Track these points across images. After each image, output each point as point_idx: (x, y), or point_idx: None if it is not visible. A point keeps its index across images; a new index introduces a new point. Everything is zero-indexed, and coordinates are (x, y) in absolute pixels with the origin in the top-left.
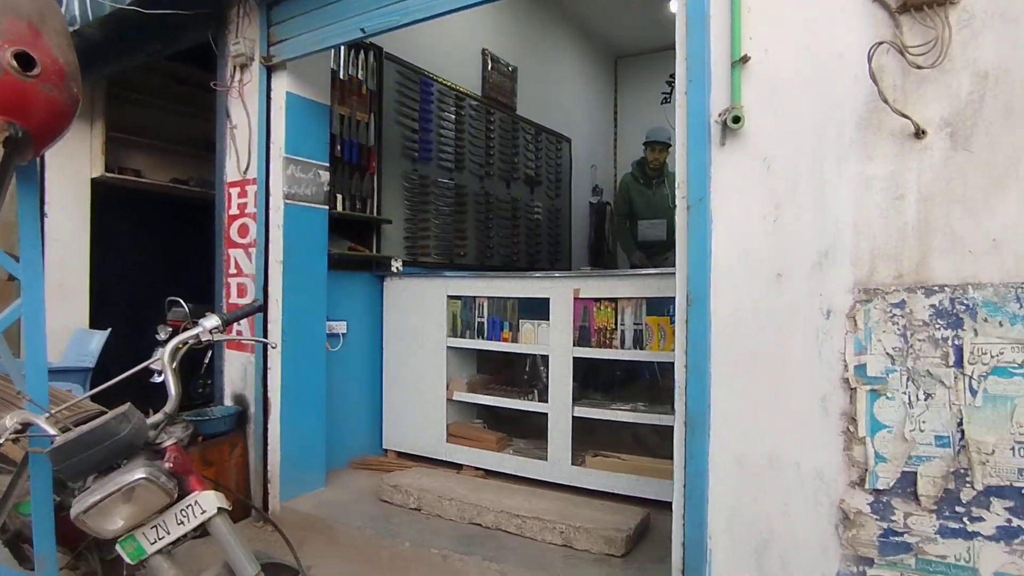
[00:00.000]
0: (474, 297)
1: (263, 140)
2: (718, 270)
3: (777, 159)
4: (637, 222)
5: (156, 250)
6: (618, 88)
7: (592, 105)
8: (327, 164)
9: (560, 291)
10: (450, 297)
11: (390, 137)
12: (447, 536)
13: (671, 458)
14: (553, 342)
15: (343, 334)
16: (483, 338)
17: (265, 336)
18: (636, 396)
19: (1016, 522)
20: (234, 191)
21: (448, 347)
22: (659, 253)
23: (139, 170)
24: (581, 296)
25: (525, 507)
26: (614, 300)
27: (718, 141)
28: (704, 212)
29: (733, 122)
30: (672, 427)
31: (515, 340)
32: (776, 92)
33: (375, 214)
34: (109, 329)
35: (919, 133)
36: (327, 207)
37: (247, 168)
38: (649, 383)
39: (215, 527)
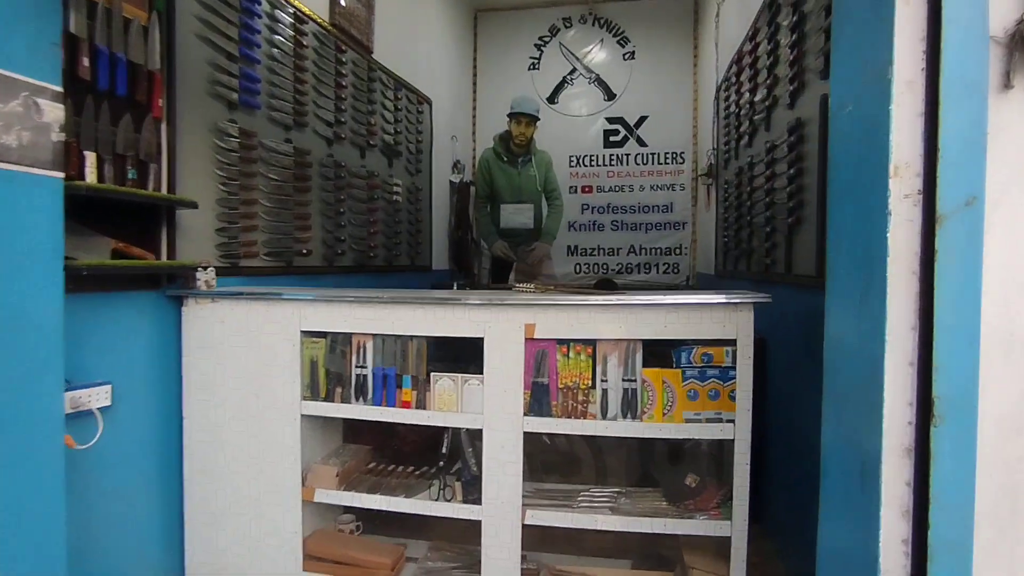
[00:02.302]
0: (349, 335)
1: None
2: (992, 344)
3: None
4: (500, 206)
5: None
6: (478, 47)
7: (452, 62)
8: (59, 87)
9: (502, 327)
10: (306, 335)
11: (190, 60)
12: None
13: (670, 569)
14: (490, 409)
15: (103, 408)
16: (366, 401)
17: None
18: (609, 475)
19: None
20: None
21: (304, 416)
22: (525, 242)
23: None
24: (537, 336)
25: None
26: (590, 343)
27: (999, 81)
28: (974, 228)
29: None
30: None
31: (422, 405)
32: None
33: (165, 191)
34: None
35: None
36: (61, 175)
37: None
38: (628, 458)
39: None
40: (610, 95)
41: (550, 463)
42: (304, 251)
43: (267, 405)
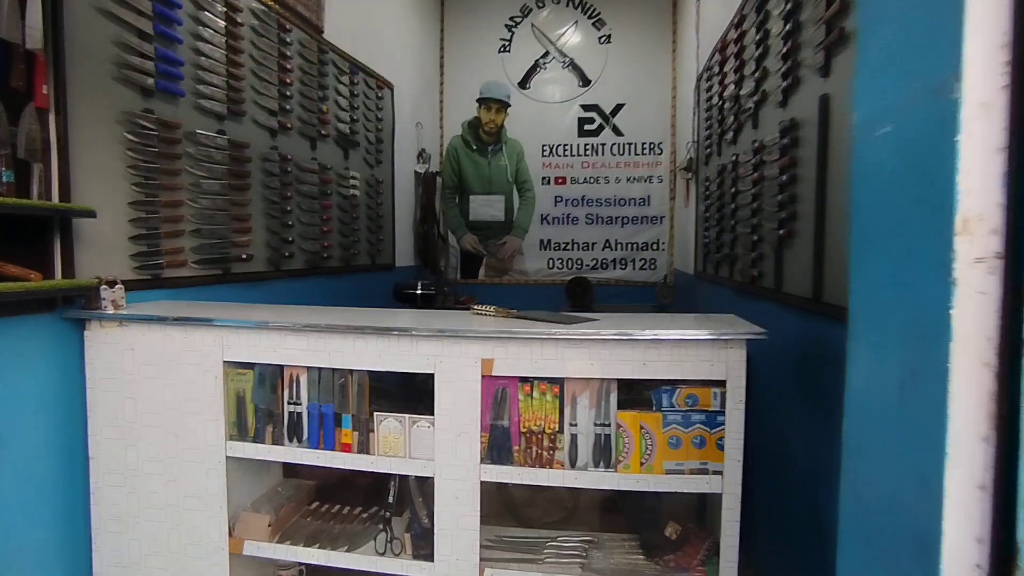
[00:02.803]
0: (281, 367)
1: None
2: None
3: None
4: (468, 198)
5: None
6: (444, 27)
7: (416, 43)
8: None
9: (455, 362)
10: (230, 365)
11: (89, 39)
12: None
13: None
14: (442, 455)
15: None
16: (300, 442)
17: None
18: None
19: None
20: None
21: (229, 458)
22: (495, 235)
23: None
24: (496, 373)
25: None
26: (557, 381)
27: None
28: None
29: None
30: None
31: (365, 449)
32: None
33: (56, 195)
34: None
35: None
36: None
37: None
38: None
39: None
40: (585, 81)
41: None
42: (244, 256)
43: (187, 445)
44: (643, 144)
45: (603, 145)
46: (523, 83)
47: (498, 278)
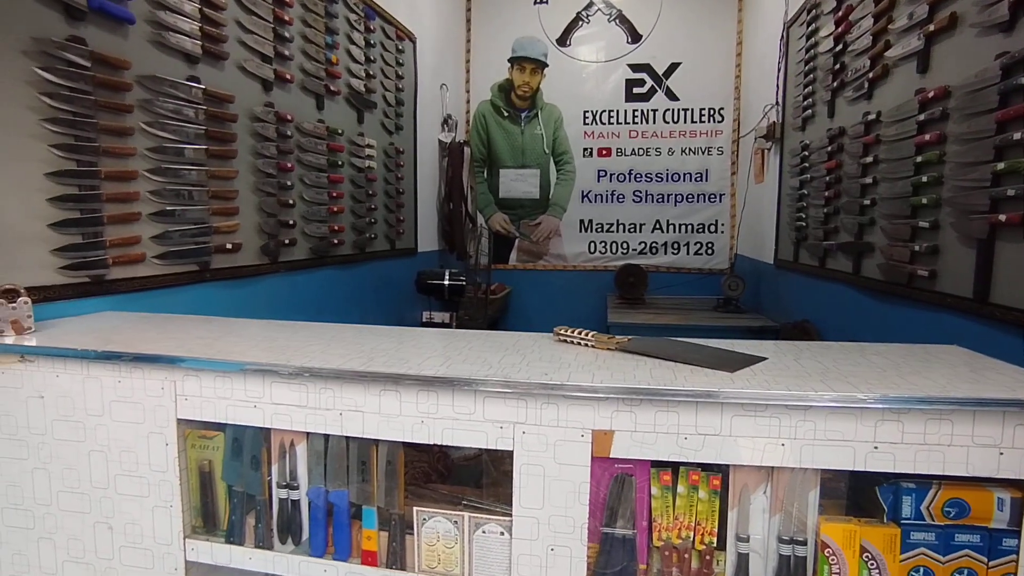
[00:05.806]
0: (267, 431)
1: None
2: None
3: None
4: (498, 171)
5: None
6: None
7: None
8: None
9: (547, 435)
10: (190, 425)
11: None
12: None
13: None
14: None
15: None
16: (297, 545)
17: None
18: None
19: None
20: None
21: (191, 564)
22: (529, 215)
23: None
24: (615, 454)
25: None
26: (717, 469)
27: None
28: None
29: None
30: None
31: (399, 562)
32: None
33: None
34: None
35: None
36: None
37: None
38: None
39: None
40: (635, 36)
41: None
42: (228, 246)
43: (128, 542)
44: (701, 110)
45: (654, 111)
46: (562, 40)
47: (532, 263)
